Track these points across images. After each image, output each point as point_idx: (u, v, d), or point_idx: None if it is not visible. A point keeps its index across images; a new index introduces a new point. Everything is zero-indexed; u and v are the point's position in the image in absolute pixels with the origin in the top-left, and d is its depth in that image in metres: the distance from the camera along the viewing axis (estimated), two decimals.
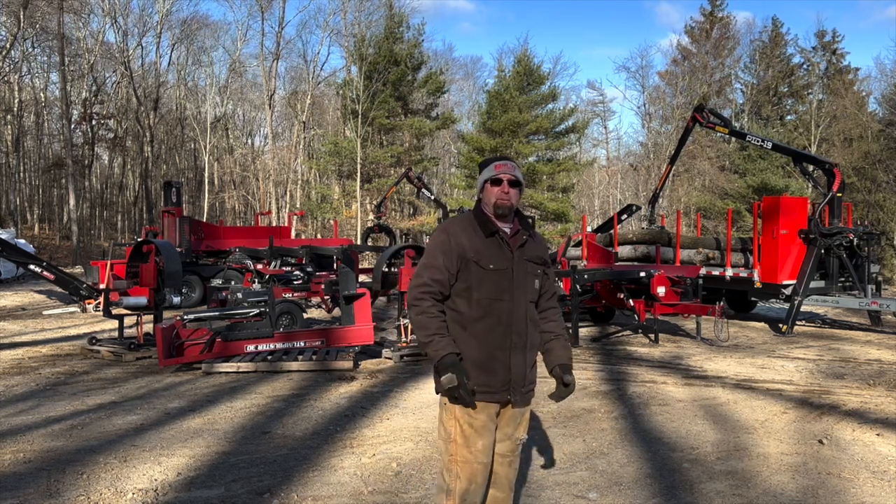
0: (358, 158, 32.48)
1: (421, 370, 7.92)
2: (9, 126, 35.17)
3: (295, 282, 12.47)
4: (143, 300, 8.83)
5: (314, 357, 8.02)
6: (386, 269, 11.56)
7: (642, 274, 10.47)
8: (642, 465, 4.73)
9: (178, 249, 13.74)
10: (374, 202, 29.57)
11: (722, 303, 10.16)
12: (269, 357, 7.99)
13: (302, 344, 8.50)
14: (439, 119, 36.76)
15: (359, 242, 23.24)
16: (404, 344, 8.55)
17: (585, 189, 46.32)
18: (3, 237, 14.67)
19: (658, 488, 4.32)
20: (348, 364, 7.94)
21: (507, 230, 2.83)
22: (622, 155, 49.61)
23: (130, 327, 9.77)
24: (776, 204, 11.85)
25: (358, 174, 32.87)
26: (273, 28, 39.23)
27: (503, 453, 2.90)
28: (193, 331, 7.94)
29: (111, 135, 37.20)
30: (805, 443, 5.27)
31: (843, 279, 11.95)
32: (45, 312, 13.40)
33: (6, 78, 32.30)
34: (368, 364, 8.31)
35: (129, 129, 38.50)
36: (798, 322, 11.68)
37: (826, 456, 4.96)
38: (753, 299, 13.93)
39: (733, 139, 32.13)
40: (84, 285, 12.90)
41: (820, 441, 5.30)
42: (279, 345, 8.30)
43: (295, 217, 26.66)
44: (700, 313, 10.39)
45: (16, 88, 34.37)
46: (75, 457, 4.80)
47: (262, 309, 8.23)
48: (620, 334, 11.08)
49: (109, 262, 13.29)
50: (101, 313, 10.46)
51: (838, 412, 6.21)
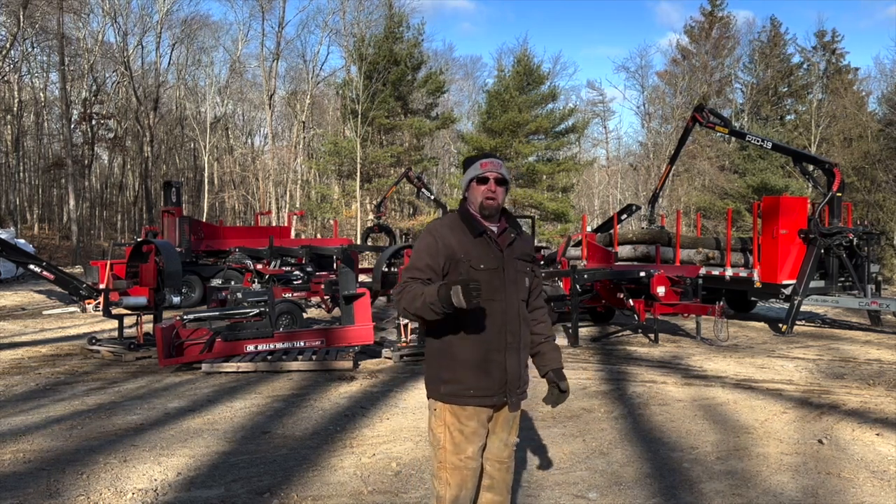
0: (358, 158, 32.47)
1: (421, 370, 7.91)
2: (8, 126, 35.16)
3: (295, 282, 12.48)
4: (143, 300, 8.84)
5: (314, 357, 8.02)
6: (386, 269, 11.56)
7: (642, 274, 10.47)
8: (642, 465, 4.73)
9: (178, 249, 13.74)
10: (374, 202, 29.58)
11: (722, 303, 10.16)
12: (269, 357, 7.99)
13: (302, 344, 8.50)
14: (439, 119, 36.76)
15: (359, 242, 23.25)
16: (404, 344, 8.55)
17: (585, 189, 46.33)
18: (3, 237, 14.67)
19: (658, 488, 4.32)
20: (348, 364, 7.95)
21: (495, 229, 2.78)
22: (622, 155, 49.66)
23: (130, 327, 9.77)
24: (776, 204, 11.85)
25: (358, 174, 32.86)
26: (273, 28, 39.21)
27: (501, 459, 2.86)
28: (193, 331, 7.94)
29: (111, 135, 37.21)
30: (805, 443, 5.28)
31: (843, 279, 11.95)
32: (45, 312, 13.40)
33: (6, 78, 32.31)
34: (368, 364, 8.31)
35: (129, 129, 38.50)
36: (798, 322, 11.68)
37: (826, 456, 4.97)
38: (753, 299, 13.93)
39: (733, 139, 32.15)
40: (84, 285, 12.90)
41: (820, 441, 5.30)
42: (279, 345, 8.30)
43: (295, 217, 26.62)
44: (700, 313, 10.40)
45: (15, 88, 34.37)
46: (75, 457, 4.80)
47: (262, 309, 8.23)
48: (620, 334, 11.09)
49: (109, 262, 13.29)
50: (101, 313, 10.46)
51: (838, 412, 6.22)
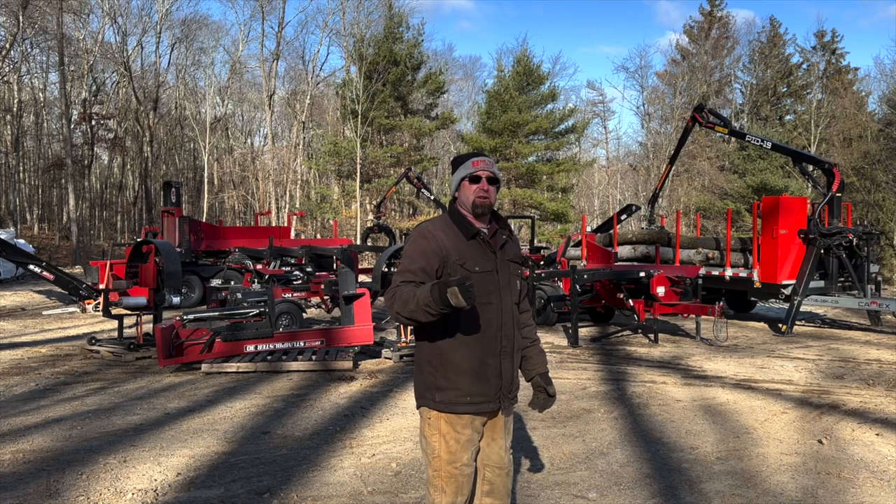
0: (357, 158, 32.47)
1: None
2: (8, 126, 35.16)
3: (294, 282, 12.48)
4: (143, 300, 8.84)
5: (314, 357, 8.02)
6: (386, 269, 11.57)
7: (642, 274, 10.47)
8: (642, 465, 4.73)
9: (178, 249, 13.74)
10: (374, 202, 29.58)
11: (721, 303, 10.16)
12: (269, 357, 8.00)
13: (301, 344, 8.50)
14: (439, 119, 36.76)
15: (358, 242, 23.25)
16: (404, 344, 8.55)
17: (585, 189, 46.34)
18: (3, 237, 14.67)
19: (658, 488, 4.32)
20: (348, 364, 7.95)
21: (486, 230, 2.74)
22: (622, 155, 49.62)
23: (130, 327, 9.77)
24: (776, 204, 11.85)
25: (357, 174, 32.85)
26: (273, 28, 39.15)
27: (501, 465, 2.83)
28: (193, 331, 7.94)
29: (111, 135, 37.19)
30: (805, 443, 5.28)
31: (843, 279, 11.95)
32: (45, 312, 13.39)
33: (6, 78, 32.30)
34: (368, 364, 8.31)
35: (129, 130, 38.49)
36: (797, 322, 11.68)
37: (826, 456, 4.97)
38: (753, 299, 13.93)
39: (733, 139, 32.16)
40: (84, 285, 12.91)
41: (819, 441, 5.31)
42: (279, 345, 8.30)
43: (294, 217, 26.60)
44: (699, 313, 10.39)
45: (15, 88, 34.34)
46: (75, 457, 4.80)
47: (262, 309, 8.23)
48: (620, 334, 11.09)
49: (109, 263, 13.29)
50: (101, 313, 10.46)
51: (838, 412, 6.22)
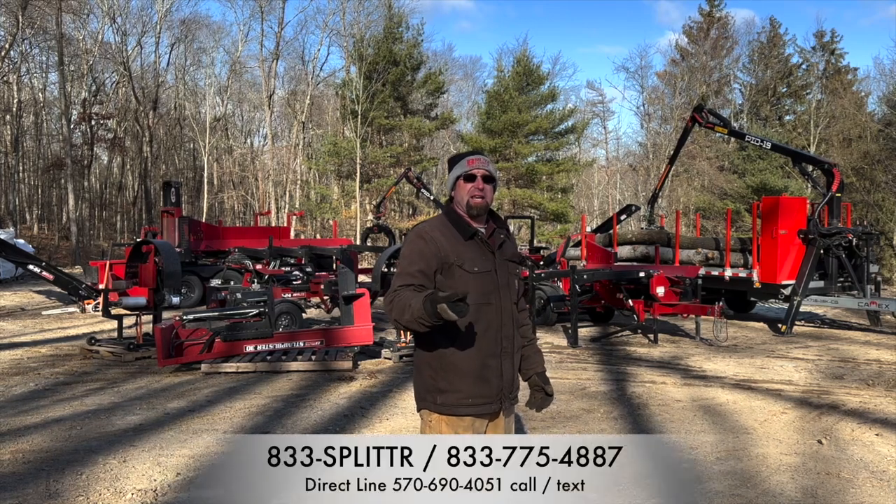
0: (357, 158, 32.47)
1: None
2: (8, 126, 35.15)
3: (294, 282, 12.47)
4: (143, 300, 8.84)
5: (313, 357, 8.01)
6: (385, 270, 11.56)
7: (641, 274, 10.47)
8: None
9: (178, 249, 13.73)
10: (374, 202, 29.57)
11: (721, 303, 10.16)
12: (269, 357, 7.99)
13: (301, 344, 8.50)
14: (438, 119, 36.75)
15: (358, 242, 23.24)
16: (403, 344, 8.55)
17: (585, 189, 46.33)
18: (2, 237, 14.66)
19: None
20: (347, 364, 7.95)
21: (483, 230, 2.69)
22: (621, 155, 49.57)
23: (130, 327, 9.77)
24: (775, 204, 11.85)
25: (357, 174, 32.85)
26: (273, 28, 39.16)
27: None
28: (192, 331, 7.94)
29: (110, 135, 37.18)
30: (804, 443, 5.28)
31: (842, 279, 11.95)
32: (45, 312, 13.39)
33: (5, 78, 32.30)
34: (368, 364, 8.31)
35: (129, 130, 38.49)
36: (797, 322, 11.68)
37: (825, 456, 4.97)
38: (753, 299, 13.93)
39: (732, 139, 32.17)
40: (83, 285, 12.90)
41: (819, 441, 5.31)
42: (278, 345, 8.30)
43: (294, 217, 26.60)
44: (699, 313, 10.39)
45: (15, 88, 34.34)
46: (74, 457, 4.79)
47: (262, 309, 8.23)
48: (620, 334, 11.09)
49: (108, 263, 13.29)
50: (101, 313, 10.45)
51: (837, 412, 6.22)
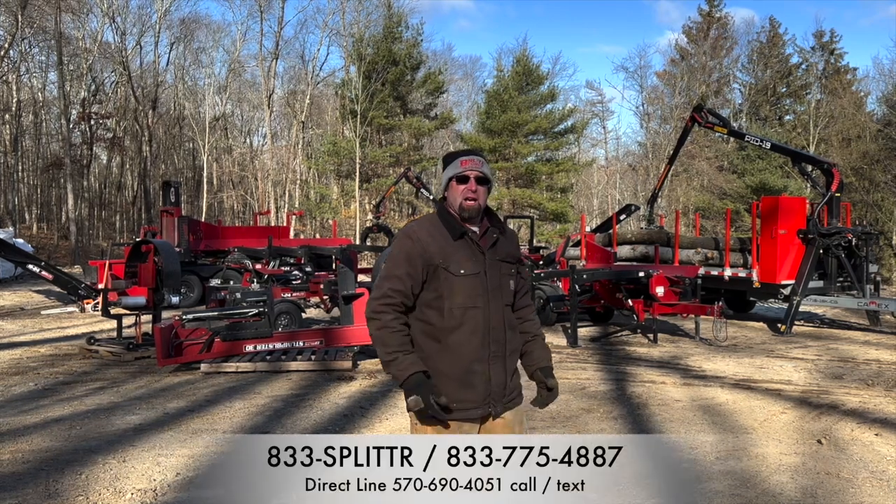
0: (357, 158, 32.45)
1: None
2: (7, 126, 35.11)
3: (294, 282, 12.47)
4: (142, 300, 8.83)
5: (313, 357, 8.01)
6: None
7: (641, 274, 10.47)
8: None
9: (177, 249, 13.74)
10: (373, 202, 29.56)
11: (721, 303, 10.18)
12: (268, 357, 7.99)
13: (301, 344, 8.49)
14: (438, 119, 36.74)
15: (358, 242, 23.23)
16: None
17: (584, 189, 46.30)
18: (2, 237, 14.66)
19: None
20: (347, 364, 7.94)
21: (476, 230, 2.60)
22: (621, 155, 49.51)
23: (129, 327, 9.76)
24: (775, 204, 11.86)
25: (357, 174, 32.84)
26: (272, 28, 39.13)
27: None
28: (192, 331, 7.93)
29: (109, 134, 37.16)
30: (804, 443, 5.28)
31: (842, 279, 11.96)
32: (44, 312, 13.38)
33: (4, 77, 32.26)
34: (367, 364, 8.30)
35: (128, 129, 38.46)
36: (797, 322, 11.68)
37: (825, 456, 4.97)
38: (752, 299, 13.93)
39: (732, 139, 32.18)
40: (83, 285, 12.90)
41: (819, 441, 5.31)
42: (278, 345, 8.29)
43: (294, 217, 26.58)
44: (699, 313, 10.40)
45: (14, 88, 34.30)
46: (74, 457, 4.79)
47: (261, 309, 8.22)
48: (619, 334, 11.09)
49: (108, 262, 13.29)
50: (100, 313, 10.45)
51: (837, 412, 6.22)
